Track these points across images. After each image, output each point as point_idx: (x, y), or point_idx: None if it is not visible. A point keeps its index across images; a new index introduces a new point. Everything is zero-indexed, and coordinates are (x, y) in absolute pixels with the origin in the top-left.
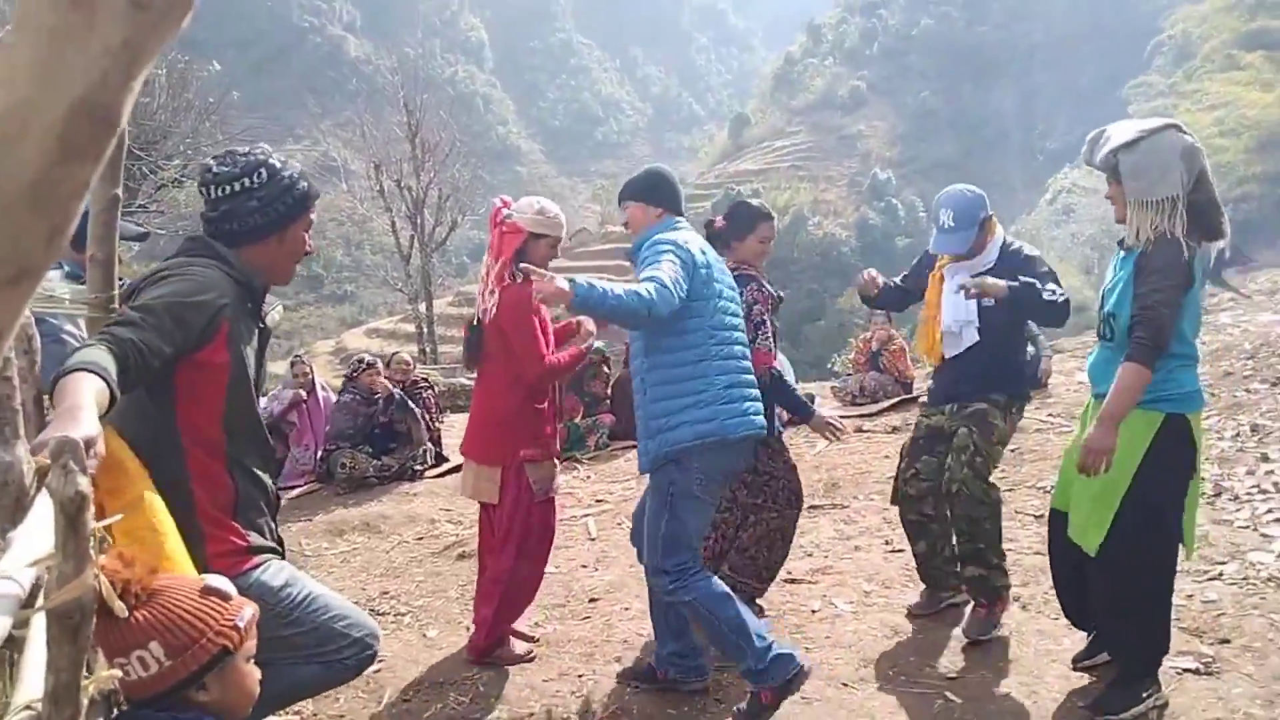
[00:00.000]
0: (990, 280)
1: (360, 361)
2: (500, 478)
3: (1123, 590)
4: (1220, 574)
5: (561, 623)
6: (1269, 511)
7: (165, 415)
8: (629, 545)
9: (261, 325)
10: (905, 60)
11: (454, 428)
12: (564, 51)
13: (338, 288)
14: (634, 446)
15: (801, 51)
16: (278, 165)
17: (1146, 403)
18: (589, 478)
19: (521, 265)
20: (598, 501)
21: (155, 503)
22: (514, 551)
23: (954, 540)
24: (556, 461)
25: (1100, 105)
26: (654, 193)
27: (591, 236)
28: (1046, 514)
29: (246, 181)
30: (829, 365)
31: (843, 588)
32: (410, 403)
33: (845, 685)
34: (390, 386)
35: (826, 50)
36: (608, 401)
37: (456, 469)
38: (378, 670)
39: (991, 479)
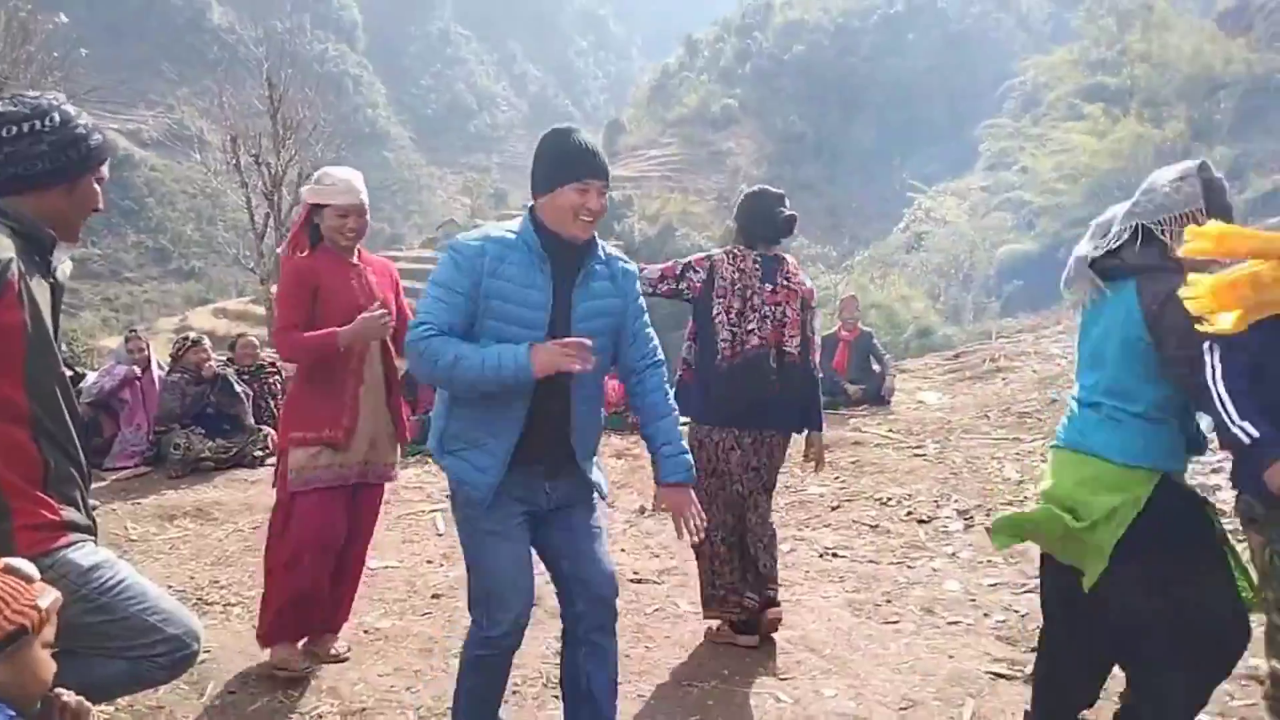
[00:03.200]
0: None
1: (185, 339)
2: (277, 462)
3: None
4: (1035, 587)
5: (401, 618)
6: None
7: None
8: None
9: (53, 280)
10: (777, 83)
11: None
12: (440, 40)
13: (185, 263)
14: None
15: (678, 65)
16: (71, 113)
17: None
18: (439, 472)
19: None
20: (448, 496)
21: None
22: (271, 545)
23: None
24: (337, 449)
25: (954, 143)
26: None
27: (459, 229)
28: (880, 524)
29: (36, 124)
30: None
31: (686, 589)
32: (236, 386)
33: (681, 684)
34: (215, 368)
35: (702, 66)
36: None
37: None
38: (204, 660)
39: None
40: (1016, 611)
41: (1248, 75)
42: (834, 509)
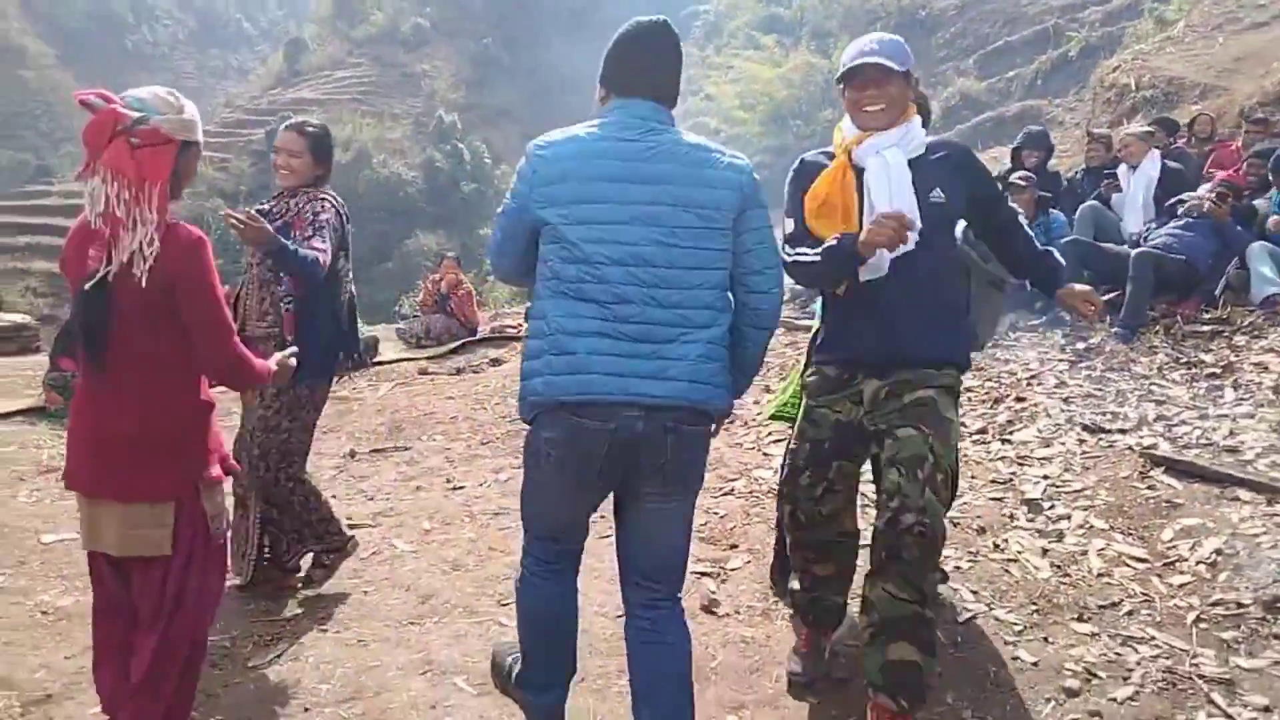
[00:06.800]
0: None
1: None
2: (174, 516)
3: None
4: (732, 490)
5: (85, 593)
6: (770, 434)
7: None
8: None
9: None
10: (467, 4)
11: None
12: None
13: None
14: None
15: None
16: None
17: None
18: None
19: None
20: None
21: None
22: (188, 616)
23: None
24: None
25: None
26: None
27: None
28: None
29: None
30: (396, 308)
31: (403, 528)
32: None
33: (403, 624)
34: None
35: None
36: None
37: None
38: None
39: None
40: (716, 514)
41: (898, 8)
42: None
